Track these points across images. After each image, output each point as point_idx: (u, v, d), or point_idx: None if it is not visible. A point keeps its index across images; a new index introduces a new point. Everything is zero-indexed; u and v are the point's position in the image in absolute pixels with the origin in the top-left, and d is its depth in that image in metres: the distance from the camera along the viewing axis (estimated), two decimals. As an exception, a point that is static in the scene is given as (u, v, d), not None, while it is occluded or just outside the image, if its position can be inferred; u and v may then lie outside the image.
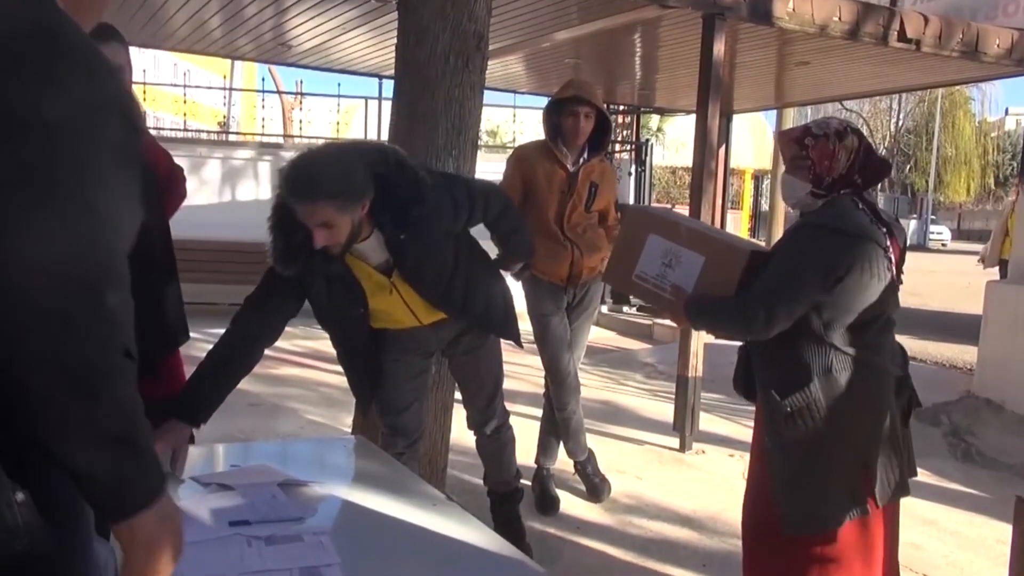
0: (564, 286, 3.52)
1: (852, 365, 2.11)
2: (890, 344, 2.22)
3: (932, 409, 5.42)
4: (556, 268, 3.47)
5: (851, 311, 2.10)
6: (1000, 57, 5.58)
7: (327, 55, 7.31)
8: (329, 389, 5.43)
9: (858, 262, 2.08)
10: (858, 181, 2.15)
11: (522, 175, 3.46)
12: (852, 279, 2.07)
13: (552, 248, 3.43)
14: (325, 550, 1.61)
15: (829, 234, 2.10)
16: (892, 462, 2.15)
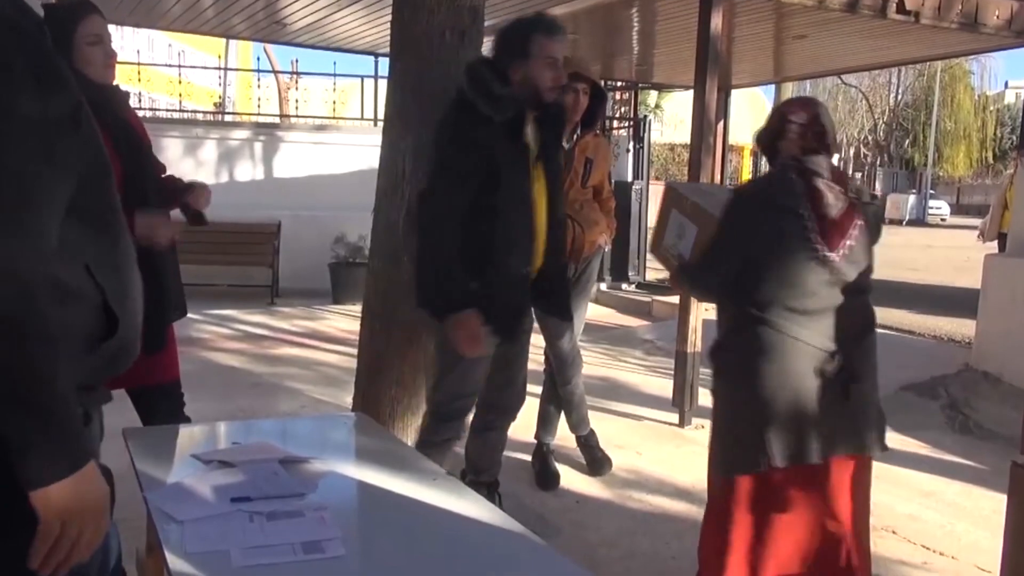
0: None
1: (765, 332, 2.23)
2: (822, 317, 2.25)
3: (930, 382, 5.45)
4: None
5: (759, 277, 2.24)
6: (1000, 28, 5.54)
7: (322, 33, 7.27)
8: (329, 368, 5.44)
9: (762, 229, 2.22)
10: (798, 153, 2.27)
11: None
12: (756, 245, 2.23)
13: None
14: (326, 525, 1.62)
15: (741, 202, 2.32)
16: (798, 427, 2.24)
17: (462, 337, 2.51)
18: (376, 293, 2.98)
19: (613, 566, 2.86)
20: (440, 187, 2.52)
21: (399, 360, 2.91)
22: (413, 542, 1.64)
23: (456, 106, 2.56)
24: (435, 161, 2.57)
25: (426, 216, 2.54)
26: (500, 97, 2.51)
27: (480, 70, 2.57)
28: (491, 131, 2.52)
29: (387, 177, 2.94)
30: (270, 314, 7.47)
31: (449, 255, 2.50)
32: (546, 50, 2.54)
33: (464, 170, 2.50)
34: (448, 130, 2.56)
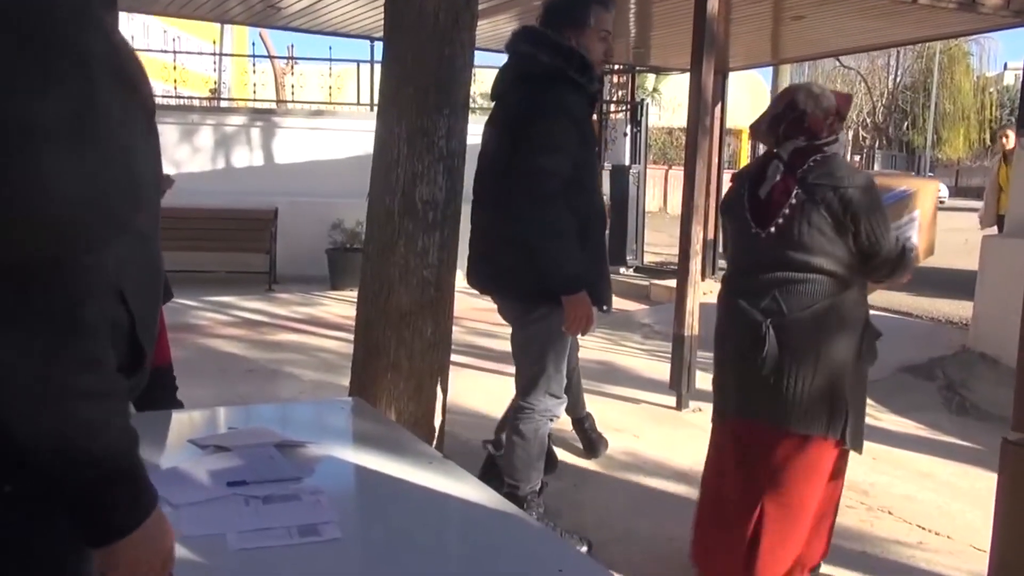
0: None
1: (723, 295, 2.60)
2: (761, 289, 2.45)
3: (928, 364, 5.46)
4: None
5: (728, 247, 2.70)
6: (998, 8, 5.51)
7: (317, 17, 7.22)
8: (327, 354, 5.45)
9: (725, 207, 2.67)
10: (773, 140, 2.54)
11: None
12: (724, 221, 2.70)
13: None
14: (322, 508, 1.62)
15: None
16: (724, 385, 2.61)
17: (581, 315, 2.54)
18: (372, 278, 2.97)
19: (611, 548, 2.88)
20: (549, 164, 2.47)
21: (395, 345, 2.91)
22: (409, 524, 1.64)
23: (545, 76, 2.52)
24: (540, 138, 2.50)
25: (538, 195, 2.48)
26: (592, 66, 2.52)
27: (557, 39, 2.54)
28: (579, 101, 2.54)
29: (382, 162, 2.92)
30: (268, 300, 7.46)
31: (569, 233, 2.50)
32: (602, 22, 2.57)
33: (568, 144, 2.50)
34: (548, 103, 2.51)
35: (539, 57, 2.54)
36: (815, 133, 2.43)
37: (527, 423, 2.81)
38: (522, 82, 2.60)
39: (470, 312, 7.27)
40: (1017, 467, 1.16)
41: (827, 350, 2.38)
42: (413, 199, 2.86)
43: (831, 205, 2.36)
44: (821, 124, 2.44)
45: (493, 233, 2.70)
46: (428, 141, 2.85)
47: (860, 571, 2.81)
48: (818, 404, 2.39)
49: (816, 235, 2.38)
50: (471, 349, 5.76)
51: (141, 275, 1.04)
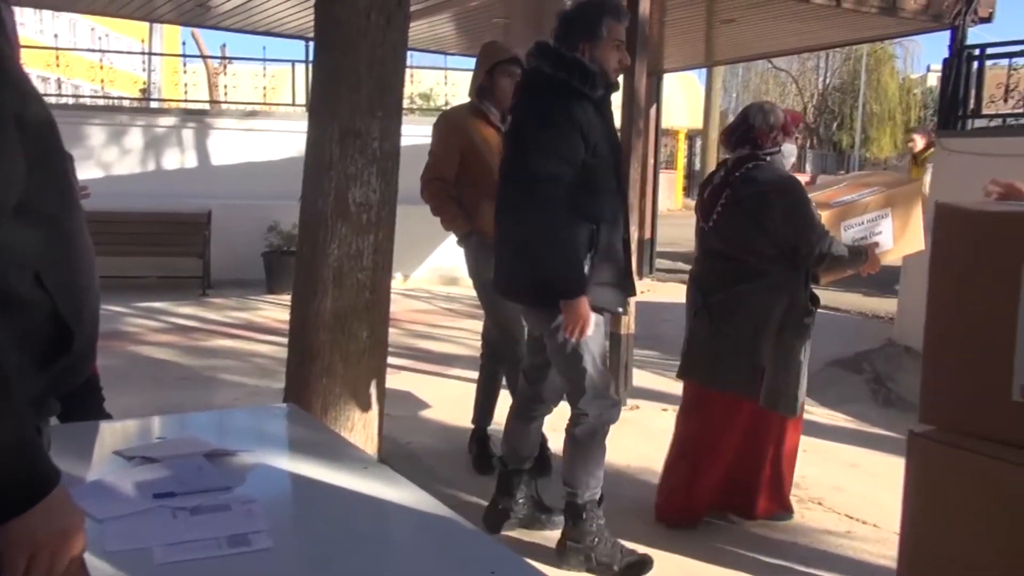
0: None
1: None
2: (703, 271, 3.07)
3: (855, 358, 5.64)
4: None
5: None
6: (917, 13, 5.73)
7: (249, 17, 7.10)
8: (264, 360, 5.35)
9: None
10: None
11: (457, 139, 3.43)
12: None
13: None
14: (253, 517, 1.59)
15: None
16: (683, 349, 3.13)
17: (575, 320, 2.53)
18: (305, 281, 2.93)
19: (547, 550, 2.89)
20: (544, 169, 2.49)
21: (329, 349, 2.88)
22: (342, 531, 1.63)
23: (547, 87, 2.57)
24: (534, 144, 2.53)
25: (533, 200, 2.50)
26: (594, 74, 2.55)
27: (560, 50, 2.58)
28: (584, 108, 2.55)
29: (314, 164, 2.89)
30: (201, 306, 7.30)
31: (566, 237, 2.51)
32: (615, 32, 2.60)
33: (567, 149, 2.51)
34: (545, 111, 2.55)
35: (543, 69, 2.59)
36: (760, 144, 2.90)
37: (580, 428, 2.78)
38: (528, 95, 2.66)
39: (408, 314, 7.25)
40: (923, 458, 1.20)
41: (746, 323, 2.89)
42: (346, 201, 2.83)
43: (751, 204, 2.85)
44: (766, 137, 2.90)
45: (513, 242, 2.71)
46: (361, 143, 2.83)
47: (791, 562, 2.89)
48: (737, 368, 2.91)
49: (739, 229, 2.89)
50: (410, 351, 5.73)
51: (61, 262, 1.07)
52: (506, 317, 3.54)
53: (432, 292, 8.37)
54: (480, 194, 3.41)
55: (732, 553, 2.90)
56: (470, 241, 3.47)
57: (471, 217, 3.44)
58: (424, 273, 8.75)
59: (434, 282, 8.65)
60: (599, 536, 2.77)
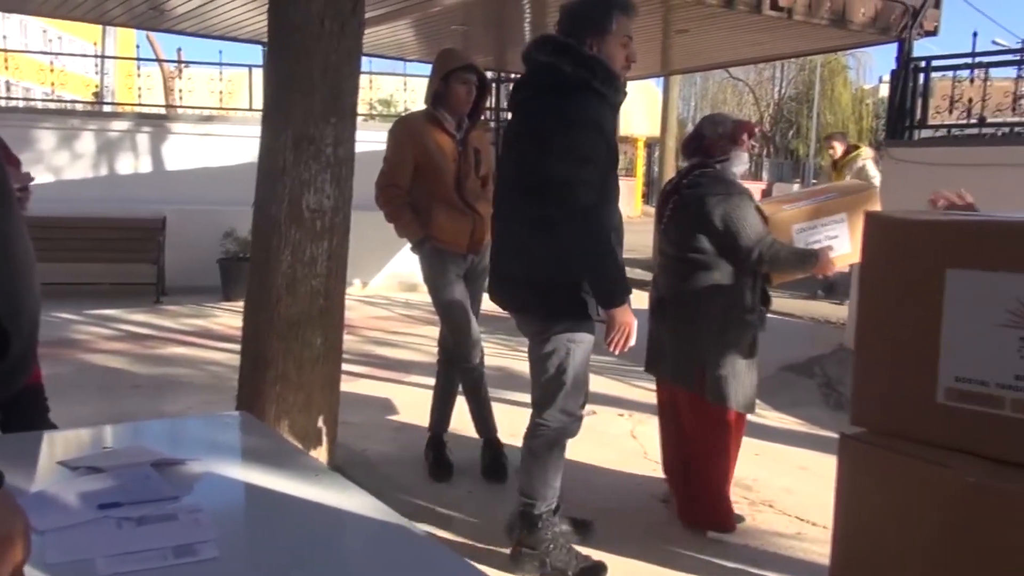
0: (465, 254, 3.53)
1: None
2: (660, 271, 3.27)
3: (807, 362, 5.74)
4: (459, 236, 3.48)
5: None
6: (865, 25, 5.87)
7: (204, 20, 7.02)
8: (218, 368, 5.29)
9: None
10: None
11: (412, 146, 3.44)
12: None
13: (455, 216, 3.46)
14: (200, 527, 1.57)
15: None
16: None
17: (624, 328, 2.47)
18: (259, 288, 2.91)
19: (503, 556, 2.90)
20: (582, 175, 2.41)
21: (283, 357, 2.86)
22: (292, 540, 1.61)
23: (570, 87, 2.45)
24: (565, 147, 2.42)
25: (576, 207, 2.40)
26: (616, 76, 2.48)
27: (579, 47, 2.47)
28: (605, 112, 2.49)
29: (267, 170, 2.87)
30: (155, 313, 7.18)
31: (610, 245, 2.44)
32: (623, 28, 2.53)
33: (597, 155, 2.44)
34: (573, 113, 2.44)
35: (561, 67, 2.47)
36: (710, 153, 3.10)
37: (540, 440, 2.75)
38: (545, 93, 2.52)
39: (366, 321, 7.21)
40: (853, 459, 1.24)
41: (690, 320, 3.07)
42: (300, 207, 2.82)
43: (694, 208, 3.01)
44: (715, 146, 3.09)
45: (520, 248, 2.61)
46: (315, 149, 2.82)
47: (743, 564, 2.93)
48: (684, 363, 3.08)
49: (685, 231, 3.06)
50: (367, 358, 5.70)
51: None
52: (461, 323, 3.55)
53: (391, 299, 8.33)
54: (433, 201, 3.44)
55: (683, 556, 2.94)
56: (424, 248, 3.48)
57: (425, 224, 3.45)
58: (383, 280, 8.71)
59: (393, 288, 8.62)
60: (554, 543, 2.78)
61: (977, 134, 6.34)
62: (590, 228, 2.42)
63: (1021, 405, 1.09)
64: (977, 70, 6.25)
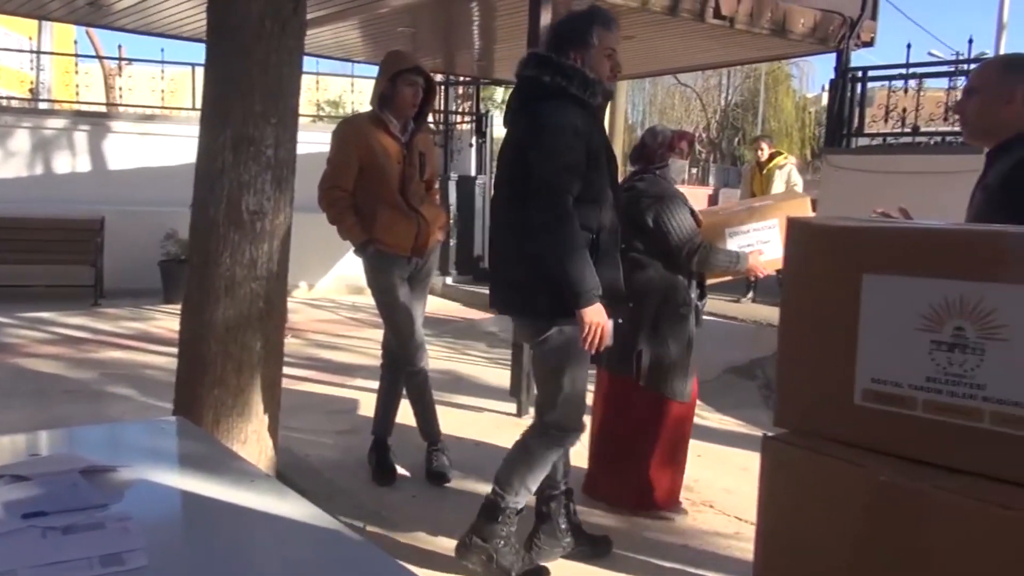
0: (409, 257, 3.52)
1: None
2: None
3: (749, 364, 5.85)
4: (403, 239, 3.46)
5: None
6: (805, 35, 6.01)
7: (145, 17, 6.87)
8: (157, 372, 5.17)
9: None
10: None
11: (356, 148, 3.42)
12: None
13: (399, 219, 3.45)
14: (129, 535, 1.54)
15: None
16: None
17: (596, 328, 2.52)
18: (197, 290, 2.86)
19: (446, 559, 2.89)
20: (559, 182, 2.49)
21: (222, 360, 2.81)
22: (223, 547, 1.59)
23: (548, 96, 2.55)
24: (540, 154, 2.51)
25: (552, 214, 2.48)
26: (594, 82, 2.57)
27: (560, 60, 2.57)
28: (585, 116, 2.56)
29: (206, 171, 2.82)
30: (93, 316, 7.00)
31: (582, 248, 2.51)
32: (606, 40, 2.62)
33: (575, 160, 2.51)
34: (549, 120, 2.53)
35: (542, 79, 2.58)
36: (651, 160, 3.35)
37: (540, 441, 2.76)
38: (529, 104, 2.63)
39: (312, 324, 7.14)
40: (774, 459, 1.27)
41: (628, 313, 3.07)
42: (239, 209, 2.78)
43: (631, 209, 3.20)
44: (654, 154, 3.35)
45: (511, 255, 2.68)
46: (255, 150, 2.78)
47: (683, 563, 2.97)
48: (622, 353, 3.21)
49: (624, 230, 3.08)
50: (311, 361, 5.64)
51: None
52: (404, 326, 3.54)
53: (337, 301, 8.26)
54: (377, 203, 3.42)
55: (623, 557, 2.97)
56: (367, 251, 3.46)
57: (368, 226, 3.43)
58: (329, 282, 8.62)
59: (340, 291, 8.54)
60: (506, 541, 2.78)
61: (911, 143, 6.55)
62: (556, 231, 2.49)
63: (932, 406, 1.13)
64: (911, 80, 6.46)
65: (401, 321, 3.55)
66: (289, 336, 6.19)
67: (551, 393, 2.70)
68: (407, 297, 3.55)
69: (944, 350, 1.11)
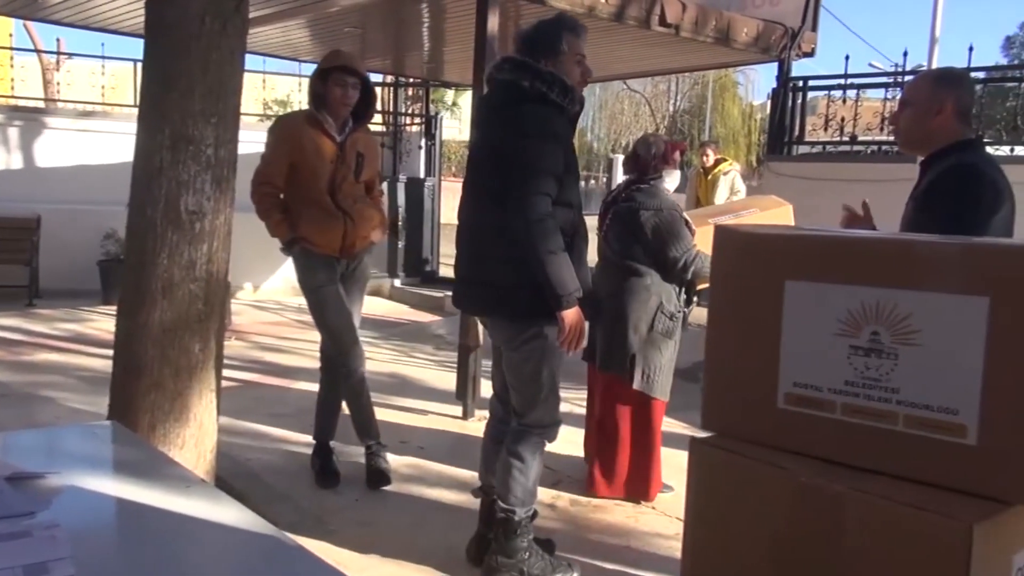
0: (337, 257, 3.49)
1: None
2: (601, 274, 3.58)
3: (692, 367, 5.92)
4: (329, 239, 3.43)
5: None
6: (748, 45, 6.13)
7: (83, 12, 6.70)
8: (93, 375, 5.04)
9: None
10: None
11: (289, 146, 3.40)
12: None
13: (325, 219, 3.42)
14: (56, 544, 1.49)
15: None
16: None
17: (575, 329, 2.57)
18: (133, 292, 2.79)
19: (387, 565, 2.88)
20: (541, 187, 2.51)
21: (158, 363, 2.75)
22: (154, 554, 1.56)
23: (529, 101, 2.57)
24: (520, 159, 2.53)
25: (534, 217, 2.50)
26: (572, 88, 2.58)
27: (537, 65, 2.59)
28: (563, 122, 2.59)
29: (143, 170, 2.76)
30: (27, 317, 6.80)
31: (563, 251, 2.53)
32: (575, 47, 2.65)
33: (555, 166, 2.54)
34: (531, 125, 2.54)
35: (520, 82, 2.59)
36: (644, 171, 3.50)
37: (526, 445, 2.75)
38: (507, 108, 2.63)
39: (255, 326, 7.03)
40: (701, 462, 1.30)
41: (623, 318, 3.43)
42: (178, 209, 2.72)
43: (627, 220, 3.43)
44: (647, 165, 3.50)
45: (488, 256, 2.68)
46: (194, 149, 2.73)
47: (624, 564, 3.01)
48: (616, 354, 3.47)
49: (621, 240, 3.48)
50: (254, 364, 5.56)
51: None
52: (336, 326, 3.50)
53: (282, 303, 8.15)
54: (305, 202, 3.41)
55: (566, 559, 2.99)
56: (293, 249, 3.45)
57: (295, 224, 3.42)
58: (276, 283, 8.51)
59: (286, 293, 8.43)
60: (530, 550, 2.79)
61: (849, 151, 6.73)
62: (540, 235, 2.52)
63: (850, 409, 1.17)
64: (850, 91, 6.64)
65: (331, 320, 3.53)
66: (232, 338, 6.10)
67: (532, 393, 2.73)
68: (337, 296, 3.51)
69: (861, 355, 1.15)
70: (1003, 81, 7.78)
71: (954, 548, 1.05)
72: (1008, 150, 6.24)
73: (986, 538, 1.06)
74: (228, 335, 4.04)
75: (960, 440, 1.11)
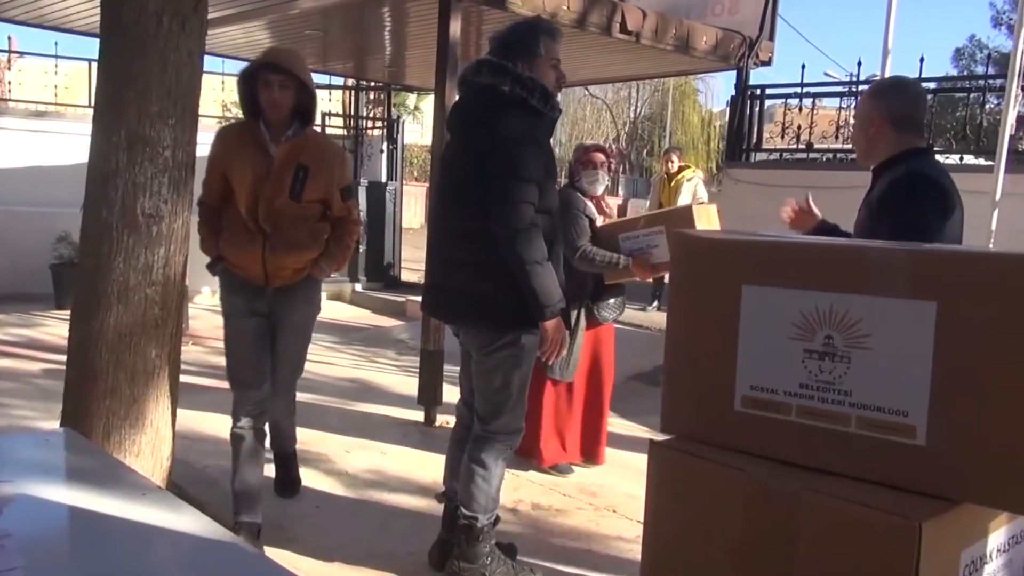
0: (262, 286, 3.03)
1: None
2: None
3: (653, 371, 5.99)
4: (246, 263, 2.99)
5: None
6: (707, 52, 6.22)
7: (37, 10, 6.55)
8: (46, 381, 4.93)
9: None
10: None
11: (221, 161, 2.99)
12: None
13: (241, 241, 2.96)
14: (7, 553, 1.46)
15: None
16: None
17: (558, 338, 2.59)
18: (88, 296, 2.75)
19: (349, 571, 2.86)
20: (524, 194, 2.50)
21: (113, 369, 2.70)
22: (109, 562, 1.53)
23: (509, 106, 2.54)
24: (503, 165, 2.50)
25: (518, 225, 2.49)
26: (552, 94, 2.57)
27: (517, 69, 2.56)
28: (543, 128, 2.59)
29: (99, 171, 2.71)
30: (-24, 322, 6.62)
31: (543, 260, 2.52)
32: (551, 51, 2.63)
33: (535, 169, 2.52)
34: (510, 131, 2.52)
35: (500, 87, 2.56)
36: (572, 174, 3.94)
37: (489, 451, 2.73)
38: (487, 113, 2.59)
39: (214, 331, 6.91)
40: (660, 464, 1.32)
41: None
42: (134, 212, 2.68)
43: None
44: (573, 169, 3.94)
45: (465, 263, 2.65)
46: (151, 151, 2.69)
47: (585, 568, 3.03)
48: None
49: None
50: (213, 370, 5.48)
51: None
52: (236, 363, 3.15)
53: (242, 308, 8.04)
54: (228, 220, 3.01)
55: (527, 564, 3.00)
56: (216, 269, 3.06)
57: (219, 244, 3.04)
58: (234, 288, 8.39)
59: (245, 298, 8.32)
60: (492, 555, 2.78)
61: (805, 158, 6.86)
62: (525, 245, 2.51)
63: (804, 411, 1.20)
64: (806, 99, 6.77)
65: (234, 357, 3.09)
66: (189, 344, 6.00)
67: (501, 401, 2.71)
68: (246, 333, 3.05)
69: (815, 358, 1.18)
70: (953, 91, 8.00)
71: (904, 545, 1.08)
72: (958, 159, 6.41)
73: (935, 535, 1.09)
74: (185, 340, 3.96)
75: (910, 441, 1.15)
